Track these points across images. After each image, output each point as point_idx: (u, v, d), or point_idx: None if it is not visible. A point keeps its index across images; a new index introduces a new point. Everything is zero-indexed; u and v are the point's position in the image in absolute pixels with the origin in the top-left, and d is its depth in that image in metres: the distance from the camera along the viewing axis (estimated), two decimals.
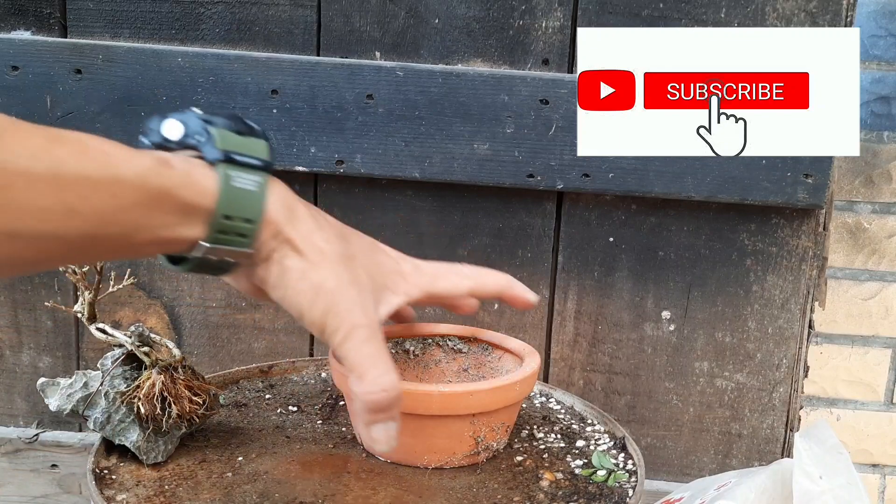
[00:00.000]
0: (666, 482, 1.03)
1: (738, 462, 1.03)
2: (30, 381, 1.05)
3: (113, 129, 0.93)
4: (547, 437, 0.73)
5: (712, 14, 0.91)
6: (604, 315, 1.01)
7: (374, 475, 0.64)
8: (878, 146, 0.96)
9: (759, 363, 1.00)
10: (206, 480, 0.63)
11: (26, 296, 1.03)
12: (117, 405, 0.65)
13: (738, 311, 0.99)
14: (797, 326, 0.99)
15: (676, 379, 1.02)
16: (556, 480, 0.65)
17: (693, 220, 0.97)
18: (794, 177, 0.91)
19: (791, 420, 1.02)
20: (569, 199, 0.98)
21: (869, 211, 0.98)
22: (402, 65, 0.92)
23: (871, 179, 0.97)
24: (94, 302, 0.68)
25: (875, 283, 1.00)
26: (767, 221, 0.97)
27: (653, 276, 0.99)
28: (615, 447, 0.71)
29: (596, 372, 1.02)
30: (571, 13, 0.93)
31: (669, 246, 0.98)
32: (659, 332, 1.01)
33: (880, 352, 1.01)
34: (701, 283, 0.99)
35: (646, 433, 1.03)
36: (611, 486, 0.64)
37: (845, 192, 0.98)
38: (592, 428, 0.75)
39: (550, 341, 1.02)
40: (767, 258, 0.98)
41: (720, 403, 1.02)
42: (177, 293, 1.02)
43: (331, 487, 0.62)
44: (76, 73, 0.92)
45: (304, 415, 0.75)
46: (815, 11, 0.90)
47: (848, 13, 0.91)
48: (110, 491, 0.61)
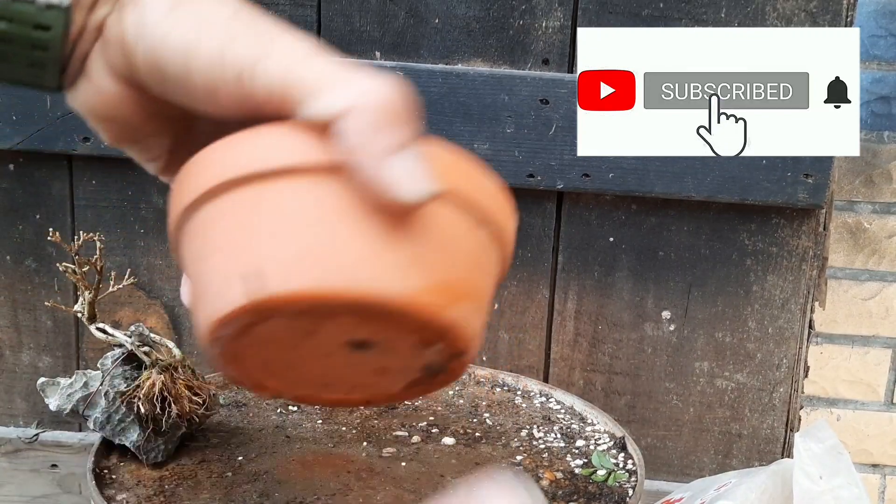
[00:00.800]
0: (666, 482, 1.03)
1: (738, 462, 1.03)
2: (30, 380, 1.05)
3: None
4: (547, 437, 0.73)
5: (712, 14, 0.91)
6: (604, 315, 1.01)
7: (374, 475, 0.64)
8: (879, 146, 0.96)
9: (759, 363, 1.00)
10: (206, 480, 0.63)
11: (26, 296, 1.03)
12: (117, 405, 0.65)
13: (739, 311, 0.99)
14: (797, 326, 0.99)
15: (676, 379, 1.01)
16: (555, 480, 0.65)
17: (693, 220, 0.97)
18: (794, 177, 0.91)
19: (791, 420, 1.02)
20: (569, 199, 0.98)
21: (869, 211, 0.98)
22: (402, 64, 0.92)
23: (871, 179, 0.97)
24: (95, 302, 0.68)
25: (875, 283, 1.00)
26: (768, 221, 0.97)
27: (653, 276, 0.99)
28: (615, 447, 0.71)
29: (596, 372, 1.02)
30: (571, 13, 0.93)
31: (669, 246, 0.98)
32: (659, 332, 1.01)
33: (880, 352, 1.01)
34: (701, 283, 0.99)
35: (646, 433, 1.03)
36: (611, 486, 0.64)
37: (845, 192, 0.98)
38: (592, 428, 0.75)
39: (551, 341, 1.02)
40: (768, 258, 0.98)
41: (720, 403, 1.02)
42: (177, 293, 1.02)
43: (331, 487, 0.62)
44: None
45: (303, 414, 0.75)
46: (815, 11, 0.90)
47: (848, 13, 0.91)
48: (110, 491, 0.61)
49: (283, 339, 0.31)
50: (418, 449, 0.70)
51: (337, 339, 0.31)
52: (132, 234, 1.00)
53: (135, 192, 0.98)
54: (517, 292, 1.00)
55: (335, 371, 0.34)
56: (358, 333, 0.31)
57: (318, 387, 0.36)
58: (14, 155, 0.98)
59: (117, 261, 0.98)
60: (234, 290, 0.28)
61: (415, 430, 0.73)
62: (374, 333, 0.31)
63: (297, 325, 0.30)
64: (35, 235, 1.00)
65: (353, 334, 0.31)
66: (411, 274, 0.28)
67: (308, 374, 0.35)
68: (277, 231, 0.28)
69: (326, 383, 0.35)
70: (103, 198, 0.99)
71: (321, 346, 0.32)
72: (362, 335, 0.31)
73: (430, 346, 0.31)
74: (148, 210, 0.99)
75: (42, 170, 0.98)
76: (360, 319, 0.29)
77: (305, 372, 0.35)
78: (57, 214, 1.00)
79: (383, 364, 0.33)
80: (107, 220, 0.99)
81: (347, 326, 0.30)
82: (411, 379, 0.34)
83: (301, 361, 0.33)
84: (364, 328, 0.30)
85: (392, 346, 0.32)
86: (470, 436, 0.73)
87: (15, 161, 0.98)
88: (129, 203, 0.99)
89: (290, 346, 0.32)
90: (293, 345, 0.32)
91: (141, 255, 1.01)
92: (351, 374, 0.35)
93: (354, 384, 0.35)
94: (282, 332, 0.30)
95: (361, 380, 0.35)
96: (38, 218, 1.00)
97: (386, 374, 0.34)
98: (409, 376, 0.34)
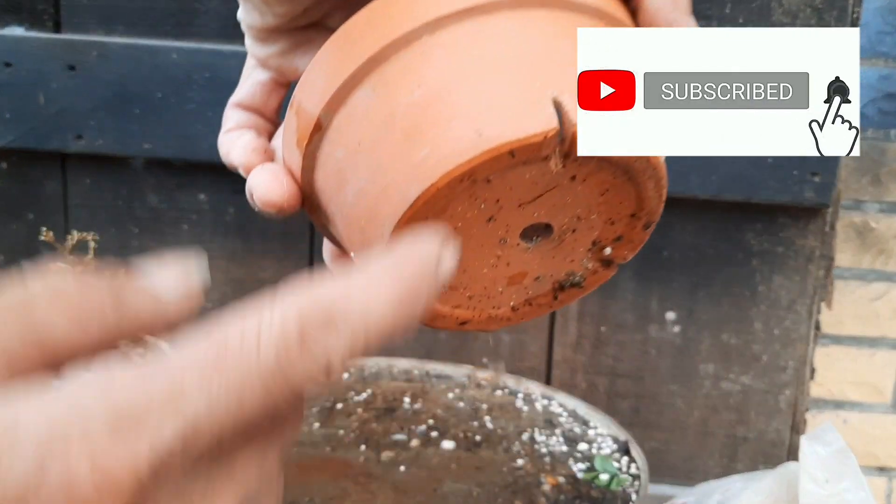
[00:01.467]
0: (670, 486, 1.01)
1: (743, 466, 1.02)
2: None
3: (107, 126, 0.92)
4: (549, 441, 0.71)
5: (717, 10, 0.89)
6: (607, 316, 0.99)
7: (372, 479, 0.63)
8: (886, 144, 0.95)
9: (765, 365, 0.99)
10: None
11: None
12: None
13: (744, 312, 0.98)
14: (804, 328, 0.98)
15: (681, 381, 1.00)
16: (558, 484, 0.63)
17: (698, 219, 0.96)
18: (800, 175, 0.90)
19: (797, 423, 1.00)
20: None
21: (876, 210, 0.97)
22: None
23: (878, 178, 0.96)
24: None
25: (882, 284, 0.98)
26: (774, 221, 0.95)
27: (657, 277, 0.98)
28: (618, 451, 0.70)
29: (599, 374, 1.01)
30: None
31: (674, 245, 0.97)
32: (663, 333, 0.99)
33: (888, 353, 1.00)
34: (706, 283, 0.98)
35: (650, 436, 1.02)
36: (614, 491, 0.63)
37: (852, 191, 0.96)
38: (595, 431, 0.74)
39: (553, 343, 1.00)
40: (774, 258, 0.96)
41: (725, 406, 1.00)
42: None
43: (329, 491, 0.61)
44: (70, 70, 0.91)
45: None
46: (821, 7, 0.89)
47: (854, 9, 0.89)
48: None
49: (511, 195, 0.29)
50: (417, 453, 0.69)
51: (518, 223, 0.30)
52: (126, 234, 0.98)
53: (129, 191, 0.97)
54: None
55: (478, 267, 0.32)
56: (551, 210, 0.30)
57: (445, 286, 0.33)
58: (6, 153, 0.96)
59: (111, 261, 0.97)
60: (466, 137, 0.26)
61: (414, 434, 0.72)
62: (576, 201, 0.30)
63: (498, 194, 0.29)
64: (28, 235, 0.99)
65: (540, 213, 0.30)
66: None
67: (476, 275, 0.32)
68: (507, 69, 0.27)
69: (457, 284, 0.33)
70: (97, 197, 0.97)
71: (512, 222, 0.30)
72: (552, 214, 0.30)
73: (608, 246, 0.33)
74: (142, 210, 0.97)
75: (35, 168, 0.97)
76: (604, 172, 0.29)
77: (473, 273, 0.32)
78: (50, 214, 0.98)
79: (529, 267, 0.32)
80: (100, 219, 0.98)
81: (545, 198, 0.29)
82: (537, 294, 0.33)
83: (469, 242, 0.31)
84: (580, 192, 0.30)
85: (575, 227, 0.31)
86: (470, 440, 0.72)
87: (7, 159, 0.97)
88: (124, 202, 0.97)
89: (473, 235, 0.30)
90: (474, 234, 0.30)
91: (135, 256, 0.99)
92: (489, 276, 0.33)
93: (477, 292, 0.33)
94: (472, 212, 0.29)
95: (490, 288, 0.33)
96: (31, 217, 0.98)
97: (517, 285, 0.33)
98: (538, 289, 0.33)
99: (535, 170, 0.28)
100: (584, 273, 0.34)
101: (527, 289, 0.33)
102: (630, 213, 0.32)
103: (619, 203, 0.32)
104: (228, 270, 0.99)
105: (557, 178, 0.29)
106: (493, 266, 0.32)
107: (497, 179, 0.27)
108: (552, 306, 0.34)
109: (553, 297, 0.34)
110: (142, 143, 0.92)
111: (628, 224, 0.33)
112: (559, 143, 0.27)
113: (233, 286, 0.99)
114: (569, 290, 0.34)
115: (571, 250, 0.33)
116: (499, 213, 0.29)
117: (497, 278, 0.33)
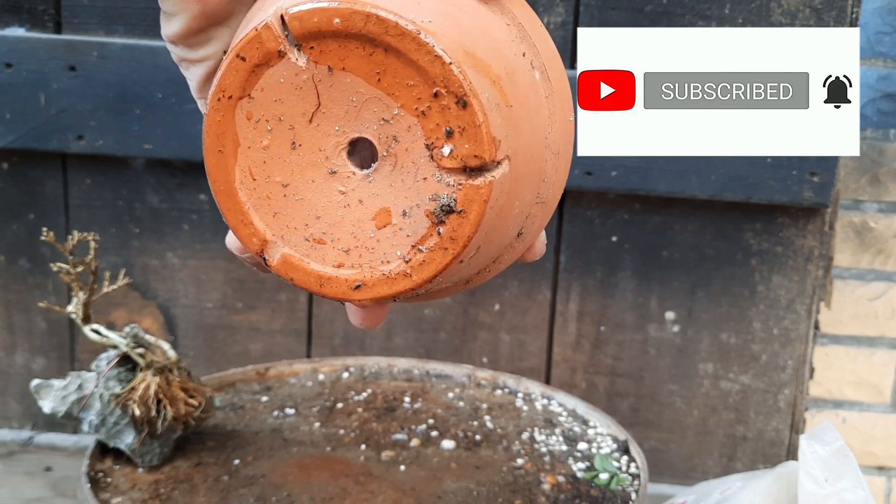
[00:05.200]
0: (670, 485, 1.02)
1: (742, 465, 1.02)
2: (23, 382, 1.03)
3: (107, 127, 0.92)
4: (548, 440, 0.72)
5: (716, 10, 0.90)
6: (606, 316, 0.99)
7: (372, 479, 0.63)
8: (885, 144, 0.95)
9: (764, 365, 0.99)
10: (202, 484, 0.62)
11: (20, 296, 1.01)
12: (112, 408, 0.63)
13: (744, 311, 0.98)
14: (803, 327, 0.98)
15: (680, 381, 1.00)
16: (557, 484, 0.64)
17: (697, 219, 0.96)
18: (799, 175, 0.90)
19: (796, 422, 1.01)
20: (571, 198, 0.96)
21: (875, 210, 0.97)
22: None
23: (877, 178, 0.96)
24: (89, 303, 0.67)
25: (881, 284, 0.98)
26: (773, 221, 0.95)
27: (656, 277, 0.98)
28: (618, 450, 0.70)
29: (598, 374, 1.01)
30: (574, 9, 0.91)
31: (673, 245, 0.97)
32: (663, 333, 0.99)
33: (887, 353, 1.00)
34: (705, 283, 0.98)
35: (649, 436, 1.02)
36: (613, 490, 0.63)
37: (851, 191, 0.97)
38: (595, 431, 0.74)
39: (552, 343, 1.00)
40: (773, 258, 0.97)
41: (725, 406, 1.01)
42: (172, 294, 1.01)
43: (329, 491, 0.61)
44: (70, 70, 0.91)
45: (301, 417, 0.74)
46: (820, 7, 0.89)
47: (853, 9, 0.90)
48: (105, 494, 0.60)
49: (288, 109, 0.30)
50: (417, 453, 0.69)
51: (337, 133, 0.31)
52: (127, 234, 0.98)
53: (129, 191, 0.97)
54: (518, 293, 0.99)
55: (331, 211, 0.31)
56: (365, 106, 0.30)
57: (311, 241, 0.32)
58: (7, 153, 0.96)
59: (112, 261, 0.97)
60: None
61: (414, 434, 0.72)
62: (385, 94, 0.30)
63: (306, 83, 0.30)
64: (29, 235, 0.99)
65: (358, 116, 0.30)
66: (446, 23, 0.29)
67: (302, 211, 0.31)
68: None
69: (321, 235, 0.31)
70: (98, 197, 0.98)
71: (321, 145, 0.31)
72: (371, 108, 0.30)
73: (443, 145, 0.29)
74: (143, 210, 0.97)
75: (36, 169, 0.97)
76: (373, 55, 0.29)
77: (300, 207, 0.31)
78: (51, 214, 0.98)
79: (386, 200, 0.31)
80: (101, 219, 0.98)
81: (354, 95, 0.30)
82: (420, 235, 0.31)
83: (296, 180, 0.31)
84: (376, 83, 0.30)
85: (400, 148, 0.30)
86: (470, 439, 0.72)
87: (8, 160, 0.97)
88: (124, 202, 0.97)
89: (289, 140, 0.31)
90: (292, 138, 0.31)
91: (136, 256, 0.99)
92: (349, 220, 0.31)
93: (351, 243, 0.31)
94: (289, 95, 0.30)
95: (360, 235, 0.31)
96: (32, 217, 0.99)
97: (388, 226, 0.31)
98: (415, 227, 0.31)
99: (284, 71, 0.30)
100: (451, 192, 0.30)
101: (402, 229, 0.31)
102: (429, 93, 0.29)
103: (406, 85, 0.29)
104: (228, 270, 0.99)
105: (319, 77, 0.30)
106: (344, 205, 0.31)
107: (257, 94, 0.30)
108: (446, 247, 0.31)
109: (436, 232, 0.31)
110: (142, 144, 0.92)
111: (441, 109, 0.29)
112: (284, 36, 0.29)
113: (233, 286, 1.00)
114: (450, 220, 0.30)
115: (413, 165, 0.30)
116: (296, 135, 0.30)
117: (359, 221, 0.31)
